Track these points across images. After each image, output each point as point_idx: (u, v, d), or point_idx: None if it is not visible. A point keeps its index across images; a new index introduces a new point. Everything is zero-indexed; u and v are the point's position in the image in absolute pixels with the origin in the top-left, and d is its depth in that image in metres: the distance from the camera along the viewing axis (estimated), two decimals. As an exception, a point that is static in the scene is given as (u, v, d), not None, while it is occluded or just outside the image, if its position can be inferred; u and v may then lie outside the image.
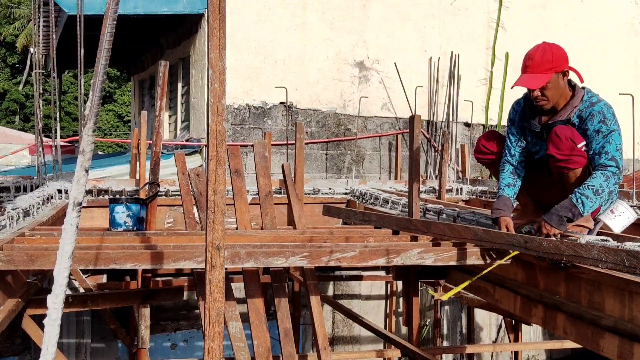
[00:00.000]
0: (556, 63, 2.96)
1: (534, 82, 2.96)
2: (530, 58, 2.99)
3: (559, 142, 2.92)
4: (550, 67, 2.95)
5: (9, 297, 3.02)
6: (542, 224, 2.83)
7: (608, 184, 2.83)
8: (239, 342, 3.22)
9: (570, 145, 2.90)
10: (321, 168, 8.50)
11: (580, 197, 2.80)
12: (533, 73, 2.97)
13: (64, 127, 27.25)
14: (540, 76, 2.95)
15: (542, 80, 2.95)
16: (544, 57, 2.95)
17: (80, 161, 1.93)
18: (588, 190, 2.80)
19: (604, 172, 2.84)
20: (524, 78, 2.99)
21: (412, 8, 8.87)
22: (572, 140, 2.90)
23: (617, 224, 2.91)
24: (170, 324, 7.61)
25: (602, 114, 2.92)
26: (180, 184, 4.48)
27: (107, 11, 1.96)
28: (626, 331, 2.47)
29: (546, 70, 2.95)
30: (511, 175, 3.22)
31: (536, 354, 9.23)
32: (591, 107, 2.96)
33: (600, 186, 2.80)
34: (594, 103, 2.97)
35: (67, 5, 7.71)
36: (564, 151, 2.91)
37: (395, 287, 7.90)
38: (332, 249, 3.02)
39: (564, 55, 3.00)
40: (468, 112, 8.99)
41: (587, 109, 2.97)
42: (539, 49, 3.00)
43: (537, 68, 2.96)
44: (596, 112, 2.93)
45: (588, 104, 2.98)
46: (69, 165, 6.66)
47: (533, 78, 2.96)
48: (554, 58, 2.96)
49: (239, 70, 7.99)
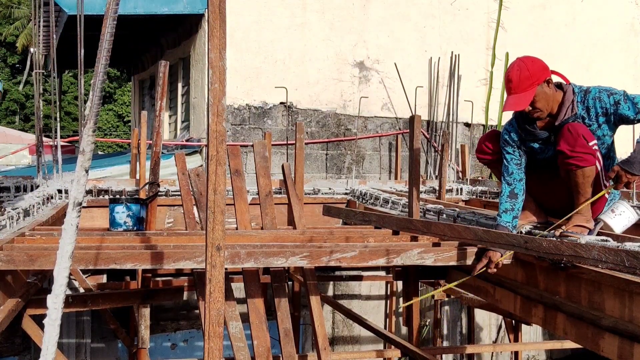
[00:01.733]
0: (535, 77, 2.98)
1: (520, 103, 2.98)
2: (510, 80, 3.01)
3: (571, 138, 2.92)
4: (530, 83, 2.97)
5: (9, 297, 3.02)
6: (621, 173, 2.81)
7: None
8: (239, 342, 3.22)
9: (582, 142, 2.90)
10: (321, 168, 8.50)
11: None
12: (517, 94, 2.99)
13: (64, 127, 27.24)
14: (524, 95, 2.97)
15: (527, 99, 2.97)
16: (522, 76, 2.97)
17: (80, 161, 1.93)
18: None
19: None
20: (510, 101, 3.01)
21: (412, 8, 8.87)
22: (585, 138, 2.91)
23: (618, 224, 2.91)
24: (170, 324, 7.61)
25: (604, 91, 2.98)
26: (181, 184, 4.48)
27: (107, 11, 1.96)
28: (626, 331, 2.47)
29: (528, 87, 2.97)
30: (509, 200, 3.18)
31: (536, 354, 9.23)
32: (588, 95, 3.01)
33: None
34: (588, 90, 3.02)
35: (67, 5, 7.72)
36: (576, 148, 2.90)
37: (395, 287, 7.90)
38: (332, 249, 3.02)
39: (541, 66, 3.02)
40: (468, 112, 8.99)
41: (585, 98, 3.01)
42: (514, 69, 3.01)
43: (518, 88, 2.98)
44: (597, 93, 2.99)
45: (583, 93, 3.02)
46: (69, 165, 6.65)
47: (518, 99, 2.98)
48: (531, 73, 2.97)
49: (239, 70, 8.00)
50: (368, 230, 4.01)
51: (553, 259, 2.68)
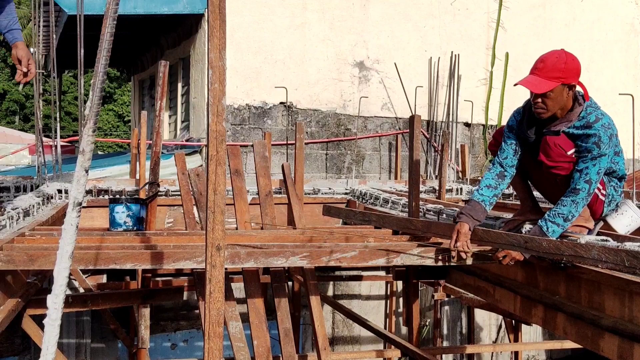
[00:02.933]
0: (567, 74, 2.83)
1: (538, 86, 2.84)
2: (543, 61, 2.86)
3: (549, 149, 2.91)
4: (559, 75, 2.82)
5: (9, 297, 3.02)
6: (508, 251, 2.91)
7: (577, 209, 2.83)
8: (239, 342, 3.22)
9: (558, 152, 2.88)
10: (321, 168, 8.50)
11: (551, 225, 2.83)
12: (540, 77, 2.84)
13: (64, 127, 27.24)
14: (547, 82, 2.83)
15: (546, 86, 2.83)
16: (556, 64, 2.82)
17: (80, 161, 1.93)
18: (558, 218, 2.83)
19: (574, 197, 2.82)
20: (530, 79, 2.87)
21: (412, 8, 8.87)
22: (562, 147, 2.88)
23: (620, 223, 2.91)
24: (170, 324, 7.61)
25: (597, 137, 2.82)
26: (180, 184, 4.48)
27: (107, 11, 1.96)
28: (626, 331, 2.47)
29: (554, 78, 2.82)
30: (496, 178, 3.11)
31: (536, 354, 9.23)
32: (587, 129, 2.85)
33: (569, 212, 2.82)
34: (591, 124, 2.85)
35: (67, 5, 7.71)
36: (553, 158, 2.90)
37: (395, 287, 7.90)
38: (332, 249, 3.03)
39: (577, 69, 2.87)
40: (468, 112, 8.99)
41: (582, 128, 2.87)
42: (553, 54, 2.87)
43: (546, 72, 2.83)
44: (592, 133, 2.83)
45: (584, 124, 2.87)
46: (69, 165, 6.66)
47: (538, 81, 2.84)
48: (566, 68, 2.83)
49: (239, 70, 7.99)
50: (368, 230, 4.01)
51: (553, 258, 2.68)
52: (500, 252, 2.97)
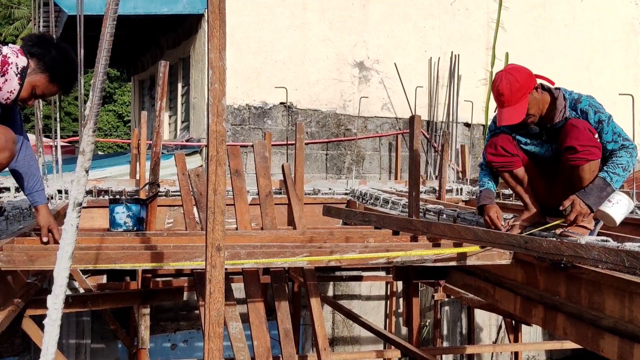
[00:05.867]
0: (525, 87, 2.97)
1: (516, 116, 2.98)
2: (501, 94, 2.99)
3: (579, 132, 2.89)
4: (522, 94, 2.96)
5: (9, 297, 3.02)
6: (576, 202, 2.83)
7: (632, 159, 2.93)
8: (239, 343, 3.22)
9: (589, 136, 2.90)
10: (321, 168, 8.50)
11: (613, 175, 2.87)
12: (510, 106, 2.98)
13: (64, 127, 27.22)
14: (518, 106, 2.96)
15: (521, 110, 2.97)
16: (513, 88, 2.96)
17: (80, 161, 1.92)
18: (618, 168, 2.88)
19: (627, 149, 2.92)
20: (504, 114, 2.99)
21: (412, 8, 8.87)
22: (590, 131, 2.91)
23: (617, 212, 2.92)
24: (170, 324, 7.61)
25: (592, 106, 2.98)
26: (181, 184, 4.48)
27: (107, 11, 1.95)
28: (626, 332, 2.46)
29: (520, 99, 2.96)
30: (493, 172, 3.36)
31: (536, 354, 9.23)
32: (578, 104, 3.00)
33: (627, 163, 2.90)
34: (578, 99, 3.01)
35: (67, 6, 7.72)
36: (584, 142, 2.88)
37: (395, 288, 7.90)
38: (332, 250, 3.02)
39: (527, 74, 3.01)
40: (468, 112, 8.99)
41: (575, 106, 3.00)
42: (503, 82, 2.99)
43: (511, 101, 2.97)
44: (586, 106, 2.98)
45: (573, 101, 3.02)
46: (69, 165, 6.65)
47: (513, 111, 2.97)
48: (521, 84, 2.96)
49: (239, 71, 8.00)
50: (368, 231, 4.00)
51: (553, 259, 2.68)
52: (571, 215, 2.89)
